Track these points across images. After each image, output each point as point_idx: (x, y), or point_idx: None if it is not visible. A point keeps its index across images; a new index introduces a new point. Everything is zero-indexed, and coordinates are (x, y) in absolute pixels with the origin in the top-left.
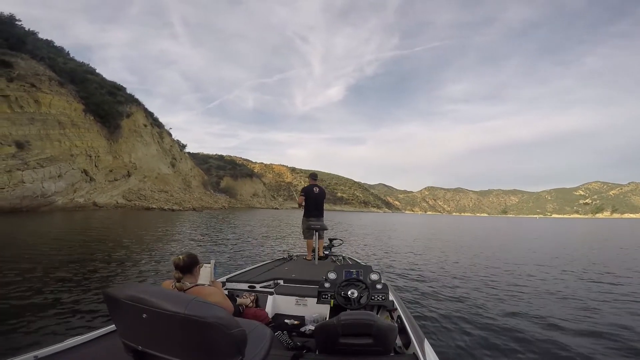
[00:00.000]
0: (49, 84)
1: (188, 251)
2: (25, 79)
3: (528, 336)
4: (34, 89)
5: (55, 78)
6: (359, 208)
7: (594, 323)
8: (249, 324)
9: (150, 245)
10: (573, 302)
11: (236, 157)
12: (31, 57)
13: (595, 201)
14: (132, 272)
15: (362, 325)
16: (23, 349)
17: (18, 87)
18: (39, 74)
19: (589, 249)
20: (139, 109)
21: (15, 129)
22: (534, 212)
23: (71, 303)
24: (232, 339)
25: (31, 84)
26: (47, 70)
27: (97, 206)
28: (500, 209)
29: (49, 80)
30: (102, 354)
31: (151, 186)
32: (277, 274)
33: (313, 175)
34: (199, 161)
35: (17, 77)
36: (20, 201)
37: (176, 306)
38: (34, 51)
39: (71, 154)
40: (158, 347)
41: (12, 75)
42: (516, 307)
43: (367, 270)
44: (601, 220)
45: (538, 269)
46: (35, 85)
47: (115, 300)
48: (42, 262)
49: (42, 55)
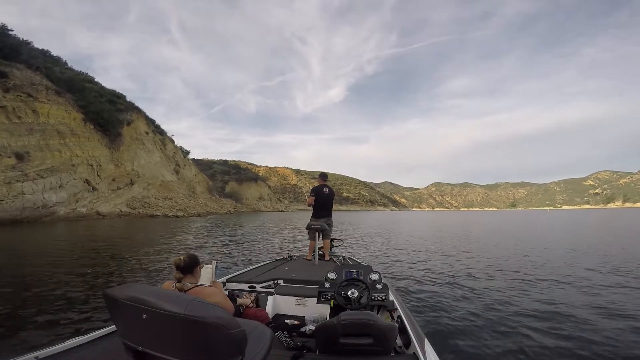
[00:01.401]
0: (46, 93)
1: (189, 252)
2: (21, 88)
3: (530, 336)
4: (31, 99)
5: (52, 87)
6: (366, 207)
7: (610, 326)
8: (249, 324)
9: (151, 248)
10: (589, 303)
11: (240, 162)
12: (27, 67)
13: (605, 191)
14: (132, 273)
15: (362, 325)
16: (24, 350)
17: (15, 98)
18: (36, 84)
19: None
20: (140, 117)
21: (14, 140)
22: (543, 204)
23: (71, 303)
24: (232, 339)
25: (28, 93)
26: (44, 80)
27: (101, 215)
28: (508, 202)
29: (46, 90)
30: (102, 355)
31: (155, 193)
32: (277, 274)
33: (323, 175)
34: (203, 167)
35: (13, 87)
36: (20, 212)
37: (176, 306)
38: (29, 61)
39: (72, 163)
40: (158, 348)
41: (8, 85)
42: (519, 307)
43: (367, 270)
44: (614, 210)
45: (546, 268)
46: (32, 95)
47: (115, 300)
48: (42, 267)
49: (38, 64)
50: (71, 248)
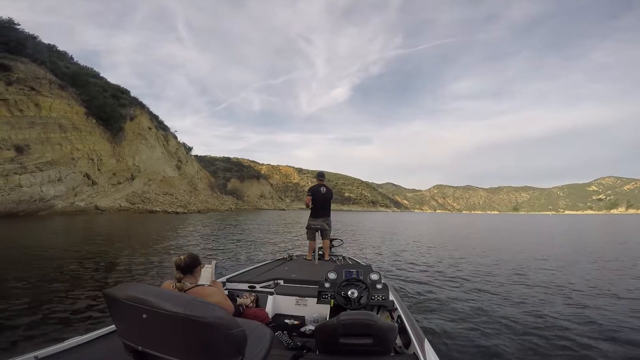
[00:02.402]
0: (49, 87)
1: (189, 251)
2: (24, 82)
3: (530, 336)
4: (34, 92)
5: (55, 81)
6: (367, 208)
7: (609, 328)
8: (249, 324)
9: (150, 246)
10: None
11: (243, 159)
12: (32, 61)
13: (609, 196)
14: (132, 273)
15: (362, 325)
16: (23, 350)
17: (17, 91)
18: (39, 77)
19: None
20: (143, 112)
21: (14, 133)
22: (545, 208)
23: (71, 303)
24: (232, 339)
25: (31, 87)
26: (48, 74)
27: (99, 210)
28: (511, 206)
29: (49, 84)
30: (102, 354)
31: (156, 189)
32: (277, 274)
33: (320, 174)
34: (205, 164)
35: (16, 81)
36: (16, 205)
37: (176, 306)
38: (35, 55)
39: (72, 157)
40: (158, 348)
41: (11, 78)
42: (518, 307)
43: (367, 270)
44: (618, 217)
45: (545, 269)
46: (35, 88)
47: (115, 300)
48: (39, 262)
49: (43, 59)
50: (65, 243)
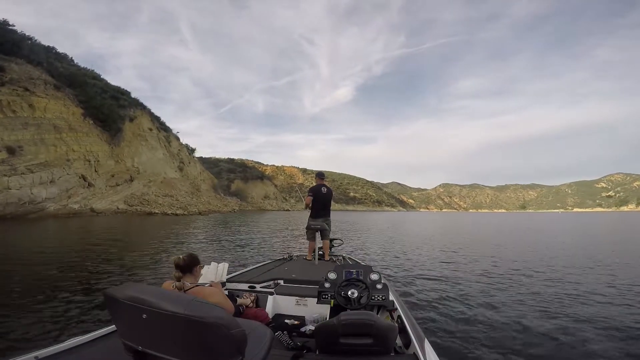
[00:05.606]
0: (44, 87)
1: (188, 251)
2: (18, 83)
3: (530, 336)
4: (28, 93)
5: (51, 82)
6: (373, 207)
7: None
8: (249, 324)
9: (148, 247)
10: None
11: (247, 160)
12: (27, 62)
13: (618, 193)
14: (131, 273)
15: (362, 325)
16: (24, 350)
17: (10, 92)
18: (34, 78)
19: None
20: (144, 113)
21: (7, 134)
22: (554, 206)
23: (71, 303)
24: (232, 339)
25: (24, 88)
26: (43, 74)
27: (95, 212)
28: (518, 204)
29: (44, 84)
30: (102, 355)
31: (156, 191)
32: (277, 274)
33: (320, 174)
34: (209, 165)
35: (9, 81)
36: (3, 208)
37: (176, 306)
38: (30, 56)
39: (67, 158)
40: (158, 348)
41: (4, 79)
42: (518, 307)
43: (367, 270)
44: (629, 214)
45: (548, 269)
46: (29, 89)
47: (115, 300)
48: (38, 265)
49: (40, 60)
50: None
